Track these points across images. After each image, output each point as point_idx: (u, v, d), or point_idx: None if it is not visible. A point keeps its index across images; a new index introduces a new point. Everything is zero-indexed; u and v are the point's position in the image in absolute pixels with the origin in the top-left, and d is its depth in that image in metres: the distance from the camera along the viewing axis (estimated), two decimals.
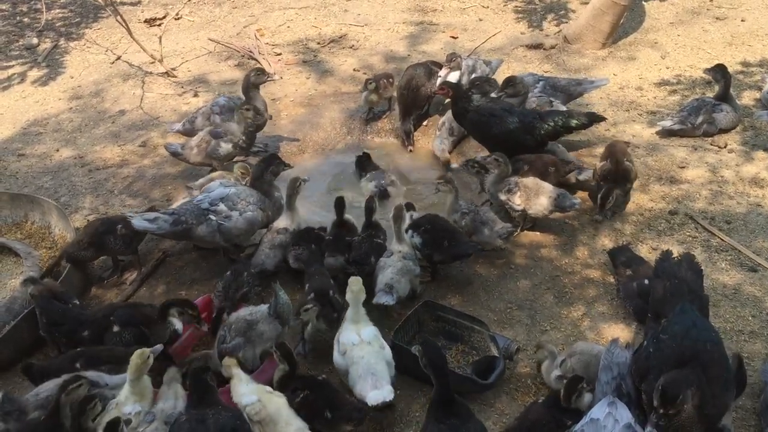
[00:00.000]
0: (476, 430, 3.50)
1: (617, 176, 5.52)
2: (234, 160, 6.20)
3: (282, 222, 5.25)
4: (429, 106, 7.16)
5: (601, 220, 5.58)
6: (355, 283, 4.21)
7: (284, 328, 4.33)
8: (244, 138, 6.06)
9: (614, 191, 5.49)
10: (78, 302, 4.68)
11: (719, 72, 6.77)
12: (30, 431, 3.63)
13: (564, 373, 4.01)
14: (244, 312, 4.36)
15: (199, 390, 3.66)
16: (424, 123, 7.22)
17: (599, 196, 5.50)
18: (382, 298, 4.59)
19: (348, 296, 4.19)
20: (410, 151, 6.92)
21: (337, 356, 4.09)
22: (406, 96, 6.81)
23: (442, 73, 6.76)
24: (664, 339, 3.64)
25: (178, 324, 4.32)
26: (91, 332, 4.33)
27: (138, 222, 4.73)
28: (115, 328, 4.32)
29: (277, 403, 3.73)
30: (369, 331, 4.12)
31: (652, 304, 4.28)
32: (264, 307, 4.33)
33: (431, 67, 6.95)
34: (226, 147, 5.98)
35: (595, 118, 5.95)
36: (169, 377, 3.90)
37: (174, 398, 3.80)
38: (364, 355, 3.95)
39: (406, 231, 5.06)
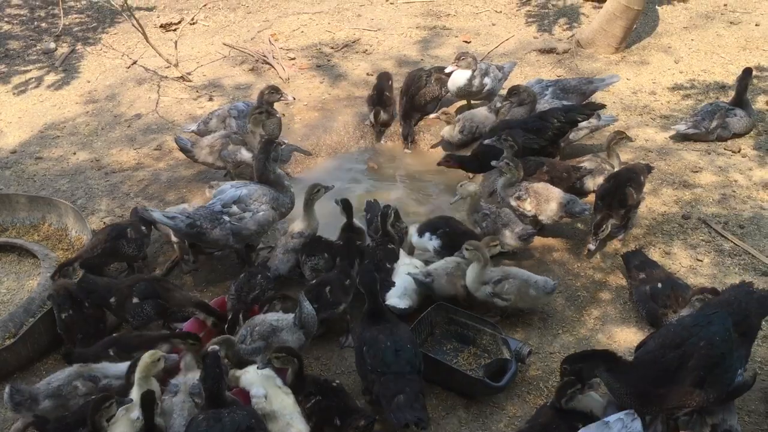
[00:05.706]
0: (403, 331, 4.10)
1: (614, 200, 5.23)
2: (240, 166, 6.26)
3: (297, 226, 5.25)
4: (437, 106, 7.20)
5: (594, 250, 5.28)
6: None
7: (308, 339, 4.32)
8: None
9: (609, 220, 5.20)
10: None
11: (742, 74, 6.70)
12: None
13: (499, 292, 4.63)
14: (272, 317, 4.37)
15: (212, 390, 3.68)
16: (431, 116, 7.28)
17: (593, 223, 5.25)
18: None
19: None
20: (407, 152, 7.11)
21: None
22: (405, 101, 7.03)
23: (449, 69, 6.81)
24: (671, 324, 3.83)
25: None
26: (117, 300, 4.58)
27: (158, 216, 4.85)
28: (135, 300, 4.52)
29: (283, 401, 3.74)
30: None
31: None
32: (291, 316, 4.32)
33: (432, 72, 7.09)
34: (247, 155, 6.04)
35: (594, 107, 6.10)
36: (186, 363, 4.05)
37: (196, 372, 3.94)
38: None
39: (421, 235, 5.12)
